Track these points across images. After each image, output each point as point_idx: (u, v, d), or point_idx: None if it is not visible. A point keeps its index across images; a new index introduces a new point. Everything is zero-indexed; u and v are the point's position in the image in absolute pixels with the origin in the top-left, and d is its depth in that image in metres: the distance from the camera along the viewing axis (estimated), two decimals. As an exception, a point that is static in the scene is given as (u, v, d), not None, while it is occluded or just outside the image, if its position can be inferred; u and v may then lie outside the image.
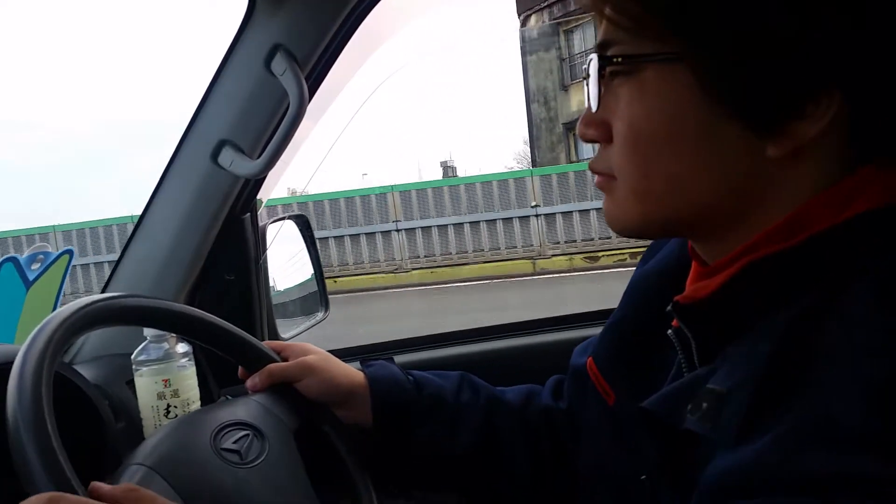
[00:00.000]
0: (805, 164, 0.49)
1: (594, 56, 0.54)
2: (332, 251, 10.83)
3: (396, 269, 10.77)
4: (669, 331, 0.58)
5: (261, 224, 1.15)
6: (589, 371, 0.73)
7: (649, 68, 0.50)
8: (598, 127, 0.55)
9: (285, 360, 0.85)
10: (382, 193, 11.13)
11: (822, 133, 0.47)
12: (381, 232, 11.05)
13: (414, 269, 10.64)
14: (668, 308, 0.56)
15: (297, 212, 1.39)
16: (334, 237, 10.96)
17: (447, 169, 14.65)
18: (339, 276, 10.39)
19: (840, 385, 0.40)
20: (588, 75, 0.56)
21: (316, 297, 1.37)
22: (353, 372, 0.86)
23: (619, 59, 0.52)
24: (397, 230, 10.99)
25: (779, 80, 0.47)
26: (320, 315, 1.36)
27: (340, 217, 11.11)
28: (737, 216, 0.52)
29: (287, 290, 1.37)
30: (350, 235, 11.06)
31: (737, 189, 0.51)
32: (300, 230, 1.39)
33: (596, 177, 0.58)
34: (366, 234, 11.06)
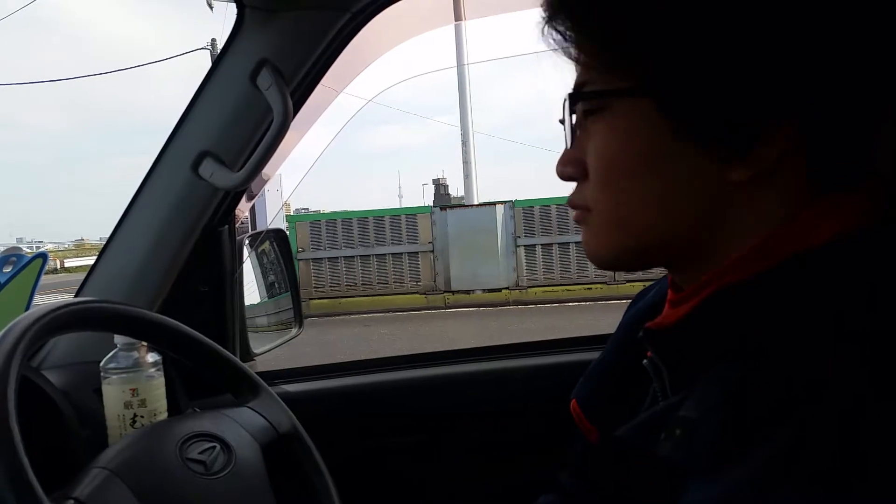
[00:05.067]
0: (769, 190, 0.50)
1: (568, 96, 0.56)
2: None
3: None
4: (645, 360, 0.58)
5: (238, 237, 1.14)
6: (573, 412, 0.72)
7: (616, 103, 0.52)
8: (574, 165, 0.57)
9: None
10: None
11: (782, 158, 0.49)
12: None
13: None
14: (639, 335, 0.57)
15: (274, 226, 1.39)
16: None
17: (440, 187, 14.53)
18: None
19: (812, 418, 0.39)
20: (564, 117, 0.58)
21: (290, 313, 1.37)
22: None
23: (586, 94, 0.55)
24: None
25: (734, 110, 0.49)
26: (294, 331, 1.35)
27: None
28: (706, 244, 0.53)
29: (262, 305, 1.36)
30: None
31: (705, 216, 0.52)
32: (277, 245, 1.38)
33: (574, 212, 0.60)
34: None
